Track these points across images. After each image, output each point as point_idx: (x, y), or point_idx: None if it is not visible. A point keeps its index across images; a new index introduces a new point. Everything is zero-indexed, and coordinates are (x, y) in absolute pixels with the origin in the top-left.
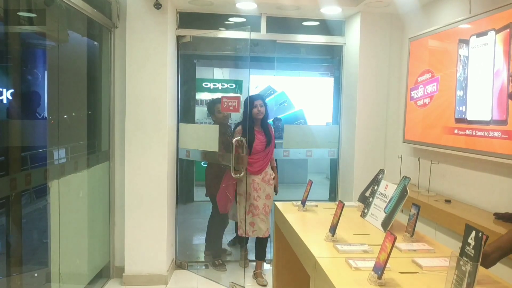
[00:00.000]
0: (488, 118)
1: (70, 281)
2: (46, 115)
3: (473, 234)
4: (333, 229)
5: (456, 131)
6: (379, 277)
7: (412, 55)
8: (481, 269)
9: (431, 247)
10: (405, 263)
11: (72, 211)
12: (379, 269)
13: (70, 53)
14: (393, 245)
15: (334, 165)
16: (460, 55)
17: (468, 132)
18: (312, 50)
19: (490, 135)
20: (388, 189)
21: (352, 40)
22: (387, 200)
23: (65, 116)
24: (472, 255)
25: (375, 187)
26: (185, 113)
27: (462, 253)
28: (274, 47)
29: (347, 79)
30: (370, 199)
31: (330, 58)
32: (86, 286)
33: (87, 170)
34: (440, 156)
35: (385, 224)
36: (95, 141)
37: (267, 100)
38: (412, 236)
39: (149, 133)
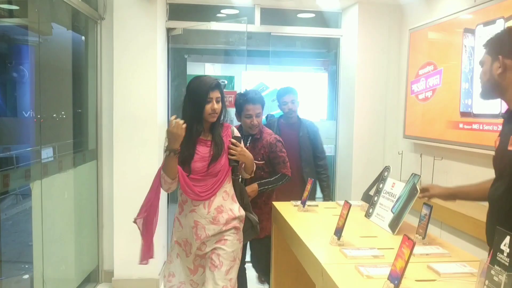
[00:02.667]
0: (497, 111)
1: (56, 286)
2: (29, 113)
3: (507, 239)
4: (338, 232)
5: (461, 125)
6: (396, 287)
7: (413, 47)
8: None
9: (445, 251)
10: (421, 269)
11: (57, 213)
12: (396, 278)
13: (54, 47)
14: (411, 251)
15: (329, 162)
16: (465, 46)
17: (475, 126)
18: (308, 43)
19: (499, 129)
20: (395, 187)
21: (349, 32)
22: (395, 200)
23: (54, 115)
24: (507, 263)
25: (380, 185)
26: (176, 111)
27: (494, 261)
28: (268, 40)
29: (344, 72)
30: (375, 198)
31: (326, 52)
32: None
33: (72, 170)
34: (443, 151)
35: (394, 225)
36: (82, 139)
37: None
38: (424, 238)
39: (139, 130)
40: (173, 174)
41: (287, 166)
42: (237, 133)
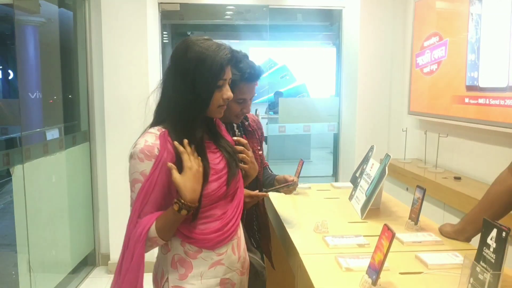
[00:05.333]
0: (504, 85)
1: (47, 270)
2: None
3: (494, 232)
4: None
5: (467, 100)
6: (374, 283)
7: (418, 18)
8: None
9: (438, 238)
10: (408, 260)
11: (43, 198)
12: (374, 272)
13: (43, 25)
14: (390, 243)
15: (337, 140)
16: (471, 14)
17: (481, 100)
18: (310, 15)
19: (506, 103)
20: (373, 168)
21: (351, 3)
22: (370, 181)
23: (54, 98)
24: (493, 260)
25: (364, 166)
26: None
27: (479, 256)
28: (266, 13)
29: (347, 46)
30: (358, 180)
31: (329, 25)
32: (69, 275)
33: (60, 153)
34: (448, 128)
35: (363, 208)
36: (73, 121)
37: (267, 74)
38: (416, 224)
39: (131, 111)
40: (171, 235)
41: None
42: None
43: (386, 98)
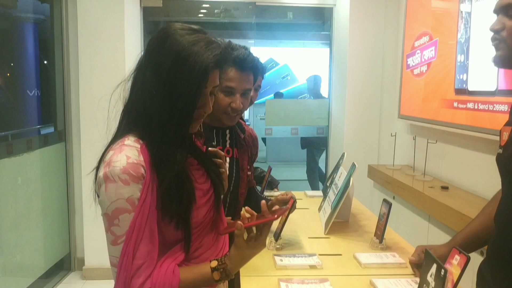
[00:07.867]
0: (493, 88)
1: (16, 274)
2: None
3: (433, 268)
4: (277, 234)
5: (455, 104)
6: None
7: (409, 16)
8: None
9: (402, 260)
10: (361, 287)
11: (13, 199)
12: None
13: (18, 19)
14: None
15: (327, 143)
16: (461, 12)
17: (469, 105)
18: (299, 14)
19: (495, 108)
20: (341, 178)
21: (342, 1)
22: (336, 192)
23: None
24: None
25: (334, 175)
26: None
27: None
28: (253, 11)
29: (338, 45)
30: (328, 190)
31: (321, 23)
32: (41, 279)
33: (28, 154)
34: (438, 134)
35: (327, 222)
36: (48, 120)
37: (268, 73)
38: (381, 242)
39: (106, 110)
40: None
41: None
42: None
43: (377, 100)
